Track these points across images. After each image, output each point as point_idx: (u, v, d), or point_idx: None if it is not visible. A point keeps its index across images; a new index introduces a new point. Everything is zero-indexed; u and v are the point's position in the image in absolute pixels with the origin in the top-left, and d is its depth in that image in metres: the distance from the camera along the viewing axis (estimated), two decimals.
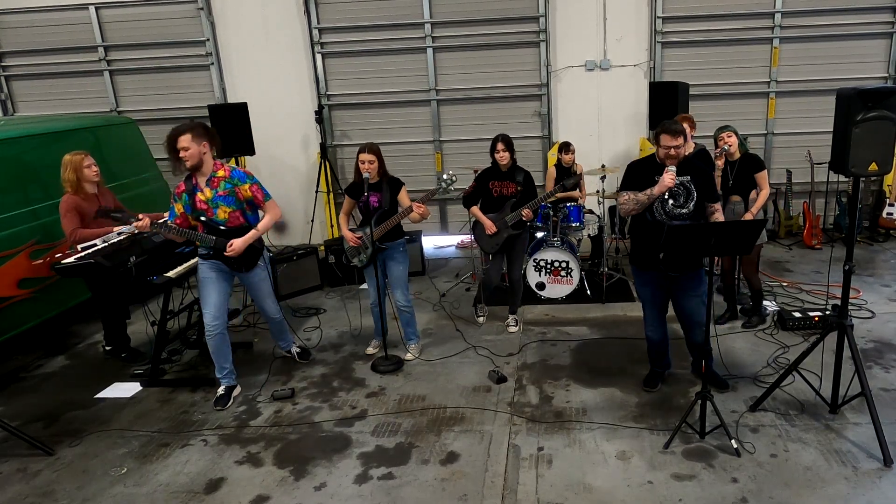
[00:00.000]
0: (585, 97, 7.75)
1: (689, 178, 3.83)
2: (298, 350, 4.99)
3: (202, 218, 4.14)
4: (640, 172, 3.89)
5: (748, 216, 4.80)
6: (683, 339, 4.25)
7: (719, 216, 3.91)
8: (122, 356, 5.19)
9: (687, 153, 3.89)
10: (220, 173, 4.12)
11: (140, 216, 4.08)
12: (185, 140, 3.94)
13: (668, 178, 3.67)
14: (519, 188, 5.06)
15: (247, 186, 4.17)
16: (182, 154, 3.96)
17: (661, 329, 4.14)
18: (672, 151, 3.70)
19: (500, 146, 5.00)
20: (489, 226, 5.06)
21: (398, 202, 4.64)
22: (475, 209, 5.18)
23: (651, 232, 3.82)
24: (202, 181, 4.10)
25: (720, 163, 4.91)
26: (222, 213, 4.14)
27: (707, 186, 3.86)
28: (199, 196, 4.10)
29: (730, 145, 4.82)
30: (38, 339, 5.64)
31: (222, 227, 4.15)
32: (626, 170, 3.98)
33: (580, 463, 3.52)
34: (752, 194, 4.92)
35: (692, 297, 3.96)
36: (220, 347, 4.34)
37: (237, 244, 4.10)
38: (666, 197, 3.80)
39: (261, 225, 4.26)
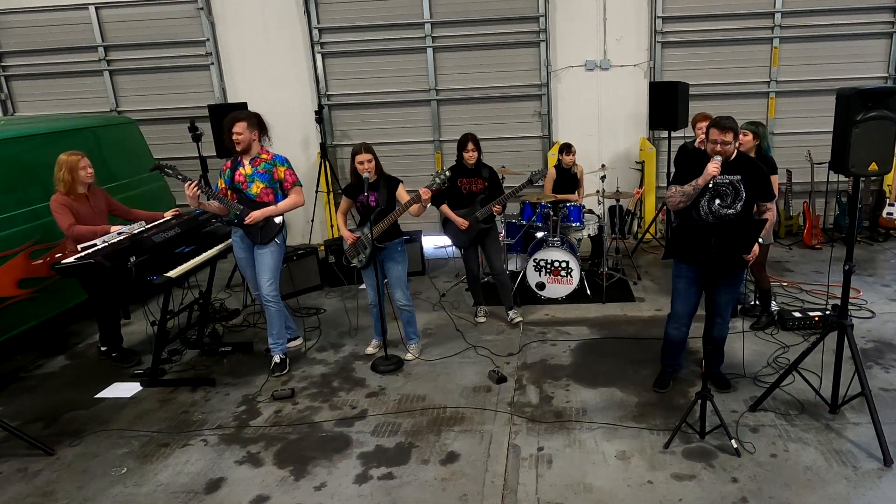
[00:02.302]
0: (585, 97, 7.74)
1: (739, 177, 3.76)
2: (278, 361, 4.79)
3: (238, 190, 4.66)
4: (691, 162, 3.82)
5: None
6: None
7: (769, 215, 3.83)
8: (113, 356, 5.17)
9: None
10: (264, 156, 4.68)
11: (191, 181, 4.58)
12: (240, 127, 4.55)
13: (713, 166, 3.62)
14: (486, 184, 5.23)
15: (283, 169, 4.68)
16: (235, 137, 4.56)
17: (686, 329, 4.09)
18: (719, 147, 3.66)
19: (470, 145, 5.14)
20: (461, 223, 5.16)
21: (396, 200, 4.65)
22: (445, 207, 5.25)
23: (693, 231, 3.62)
24: (246, 160, 4.66)
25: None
26: (255, 188, 4.62)
27: (760, 186, 3.77)
28: (240, 170, 4.65)
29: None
30: (38, 339, 5.64)
31: (252, 200, 4.61)
32: (678, 153, 3.87)
33: (580, 463, 3.52)
34: None
35: (727, 293, 3.95)
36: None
37: (255, 213, 4.56)
38: (712, 193, 3.75)
39: (281, 204, 4.67)
